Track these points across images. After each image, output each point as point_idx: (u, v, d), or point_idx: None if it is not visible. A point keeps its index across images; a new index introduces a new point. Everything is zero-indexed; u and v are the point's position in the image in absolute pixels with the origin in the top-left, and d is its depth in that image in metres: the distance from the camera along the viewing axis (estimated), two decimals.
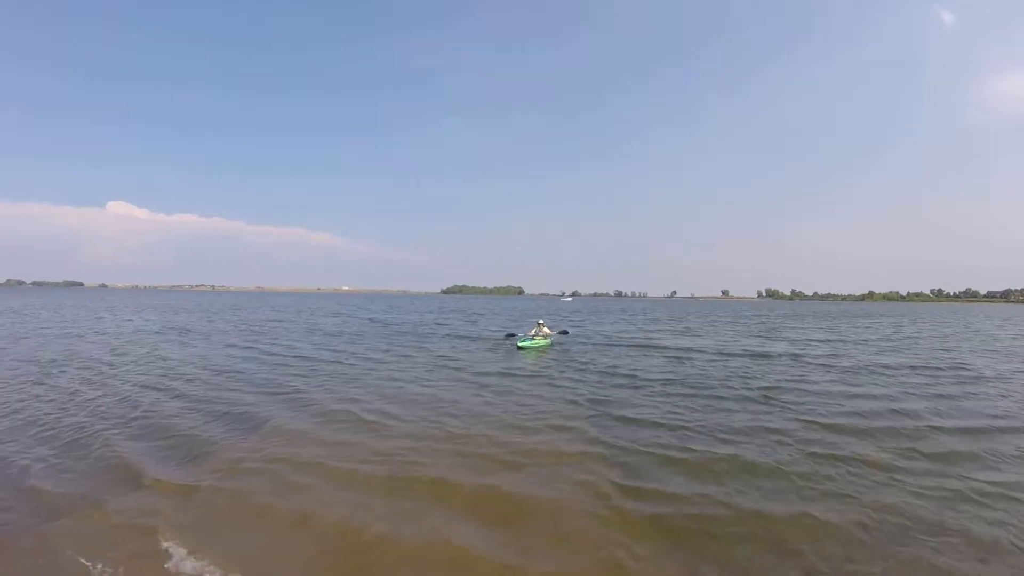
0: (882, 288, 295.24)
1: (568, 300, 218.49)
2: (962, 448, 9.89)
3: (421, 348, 25.63)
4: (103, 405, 12.75)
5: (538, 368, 19.27)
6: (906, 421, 11.82)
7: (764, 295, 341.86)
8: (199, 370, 18.01)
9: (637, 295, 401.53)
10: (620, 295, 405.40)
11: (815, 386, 15.81)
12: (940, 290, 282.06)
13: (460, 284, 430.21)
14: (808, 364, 20.90)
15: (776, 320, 58.18)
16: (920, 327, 48.74)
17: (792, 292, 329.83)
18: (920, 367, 20.42)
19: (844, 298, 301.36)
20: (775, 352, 25.14)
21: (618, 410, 12.58)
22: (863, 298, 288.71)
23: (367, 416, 11.64)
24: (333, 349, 24.63)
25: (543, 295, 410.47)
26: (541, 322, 27.62)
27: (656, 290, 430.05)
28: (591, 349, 25.95)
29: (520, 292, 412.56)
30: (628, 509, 7.08)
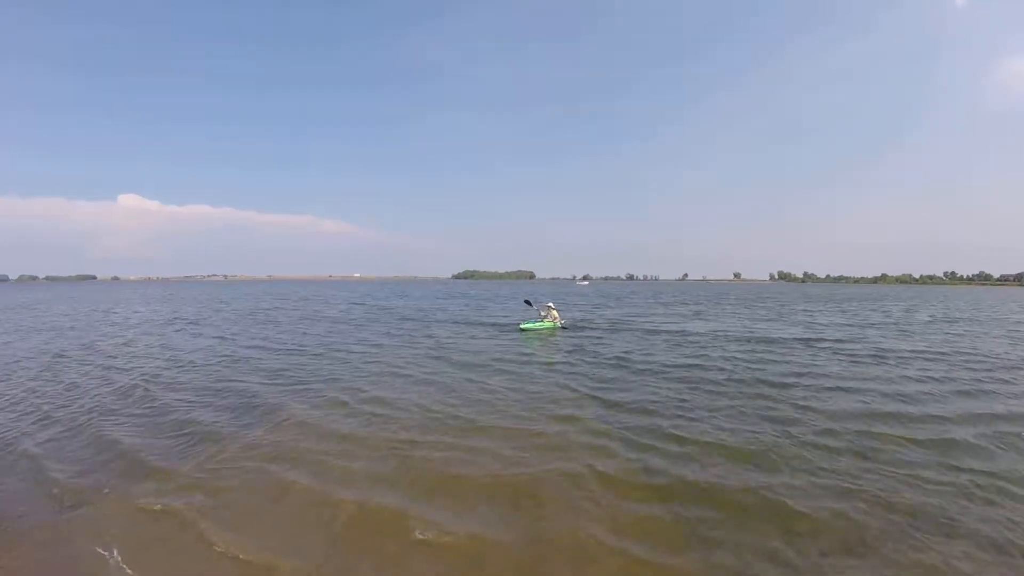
0: (895, 271, 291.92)
1: (584, 284, 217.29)
2: (962, 437, 9.86)
3: (420, 335, 25.68)
4: (111, 397, 12.99)
5: (535, 355, 19.25)
6: (906, 407, 11.80)
7: (776, 278, 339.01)
8: (203, 360, 18.23)
9: (648, 278, 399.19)
10: (632, 278, 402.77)
11: (822, 372, 15.68)
12: (953, 273, 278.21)
13: (471, 269, 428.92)
14: (817, 349, 20.73)
15: (787, 303, 57.38)
16: (934, 310, 48.15)
17: (804, 275, 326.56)
18: (928, 352, 20.24)
19: (856, 281, 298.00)
20: (783, 336, 24.98)
21: (613, 396, 12.70)
22: (875, 281, 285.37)
23: (363, 406, 11.73)
24: (332, 337, 24.69)
25: (554, 279, 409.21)
26: (550, 305, 28.50)
27: (667, 273, 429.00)
28: (595, 335, 25.77)
29: (531, 277, 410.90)
30: (621, 496, 7.19)
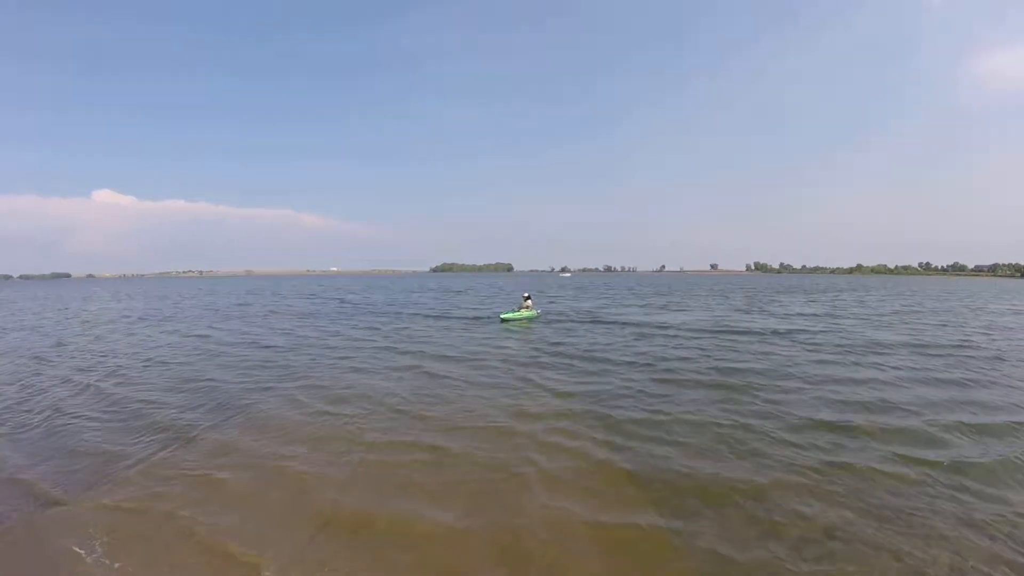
0: (871, 261, 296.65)
1: (566, 276, 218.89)
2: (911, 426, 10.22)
3: (384, 329, 25.74)
4: (78, 396, 12.90)
5: (506, 348, 19.25)
6: (863, 395, 12.11)
7: (752, 268, 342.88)
8: (171, 358, 18.18)
9: (627, 270, 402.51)
10: (610, 270, 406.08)
11: (790, 363, 15.85)
12: (928, 263, 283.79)
13: (450, 262, 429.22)
14: (788, 340, 20.90)
15: (761, 294, 57.88)
16: (908, 301, 48.77)
17: (780, 265, 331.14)
18: (897, 343, 20.65)
19: (833, 271, 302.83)
20: (754, 328, 25.20)
21: (577, 389, 12.81)
22: (851, 271, 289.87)
23: (326, 405, 11.60)
24: (295, 334, 24.38)
25: (532, 271, 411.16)
26: (526, 295, 31.32)
27: (645, 264, 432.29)
28: (565, 327, 26.11)
29: (510, 269, 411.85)
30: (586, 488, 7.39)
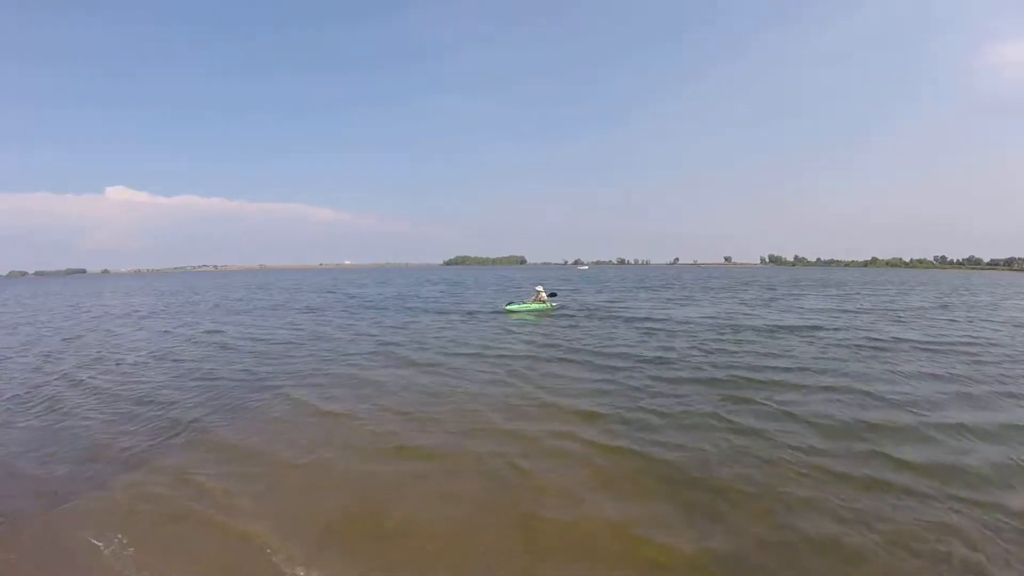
0: (885, 254, 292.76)
1: (584, 268, 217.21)
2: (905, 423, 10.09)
3: (387, 323, 25.49)
4: (90, 389, 13.18)
5: (509, 345, 18.65)
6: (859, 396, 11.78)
7: (767, 261, 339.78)
8: (179, 352, 18.45)
9: (640, 263, 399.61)
10: (623, 263, 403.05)
11: (803, 362, 15.33)
12: (944, 257, 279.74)
13: (462, 255, 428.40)
14: (803, 337, 20.24)
15: (776, 287, 56.91)
16: (923, 296, 47.87)
17: (795, 258, 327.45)
18: (922, 342, 20.13)
19: (847, 264, 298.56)
20: (767, 324, 24.69)
21: (581, 388, 12.48)
22: (866, 264, 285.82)
23: (314, 400, 11.62)
24: (302, 329, 24.39)
25: (546, 264, 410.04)
26: (539, 288, 30.49)
27: (659, 257, 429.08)
28: (575, 320, 25.76)
29: (522, 262, 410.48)
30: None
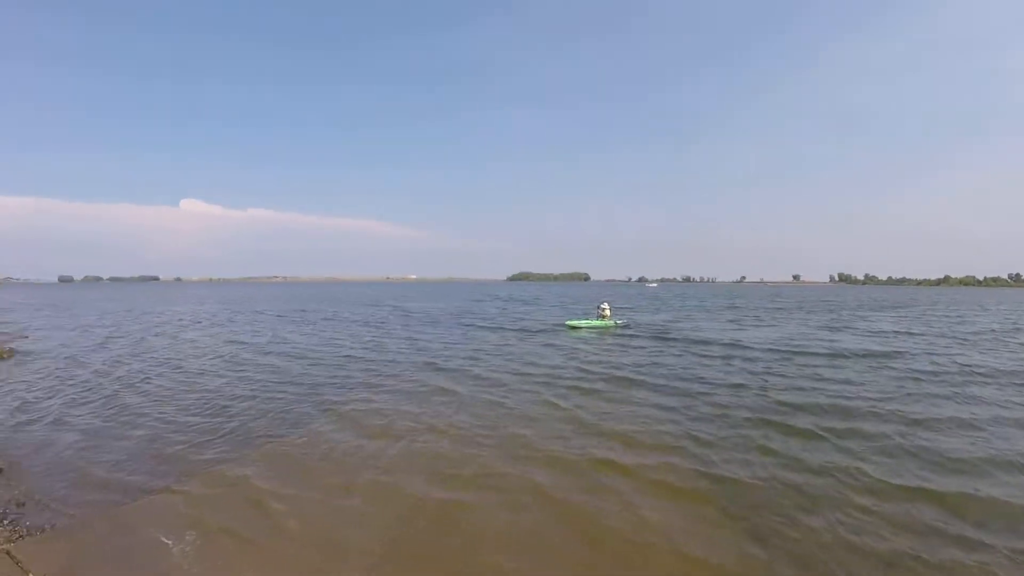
0: (958, 272, 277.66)
1: (653, 286, 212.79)
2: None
3: (446, 338, 25.82)
4: (160, 393, 13.93)
5: (563, 365, 18.12)
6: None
7: (836, 279, 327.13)
8: (248, 359, 19.36)
9: (705, 280, 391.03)
10: (688, 280, 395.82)
11: (871, 393, 14.35)
12: (1019, 275, 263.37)
13: (526, 271, 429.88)
14: (882, 366, 18.52)
15: (848, 308, 54.27)
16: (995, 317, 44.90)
17: (865, 276, 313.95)
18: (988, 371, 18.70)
19: (919, 283, 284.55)
20: (834, 348, 23.46)
21: (644, 416, 11.89)
22: (939, 283, 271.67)
23: (400, 421, 11.49)
24: (360, 340, 25.25)
25: (610, 281, 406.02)
26: (604, 306, 30.60)
27: (725, 274, 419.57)
28: (639, 342, 24.82)
29: (586, 279, 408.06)
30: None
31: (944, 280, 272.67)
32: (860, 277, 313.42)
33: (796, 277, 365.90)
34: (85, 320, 37.37)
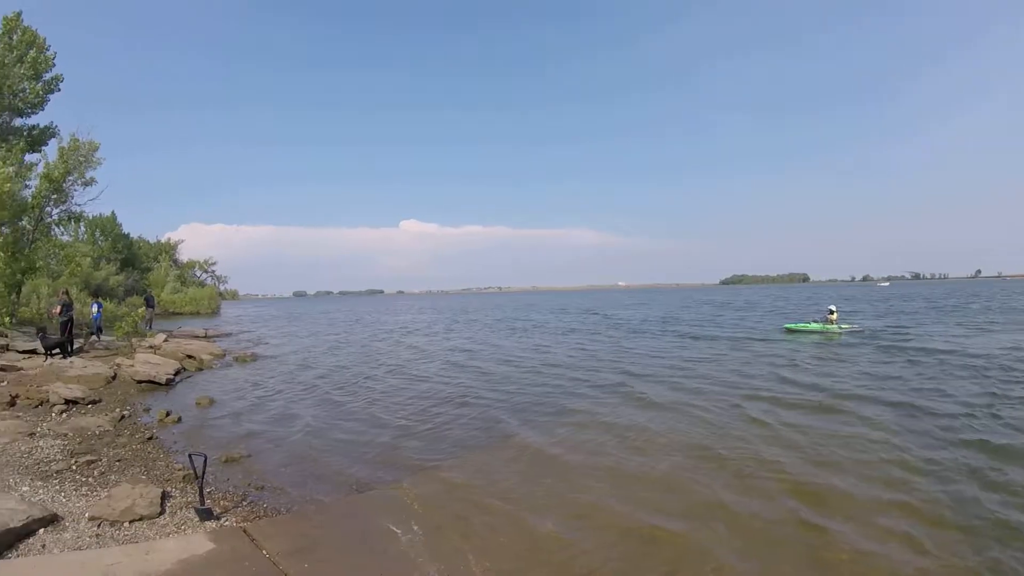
0: None
1: (885, 285, 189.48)
2: None
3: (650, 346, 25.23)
4: (383, 391, 15.20)
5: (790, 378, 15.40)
6: None
7: None
8: (479, 362, 20.70)
9: (936, 277, 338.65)
10: (917, 277, 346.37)
11: None
12: None
13: (740, 274, 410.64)
14: None
15: None
16: None
17: None
18: None
19: None
20: None
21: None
22: None
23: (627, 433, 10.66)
24: (558, 348, 25.19)
25: (831, 281, 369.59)
26: (832, 308, 27.89)
27: (957, 269, 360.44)
28: (870, 352, 20.57)
29: (805, 279, 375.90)
30: None
31: None
32: None
33: None
34: (316, 328, 43.14)
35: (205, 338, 29.02)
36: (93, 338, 22.62)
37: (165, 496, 7.13)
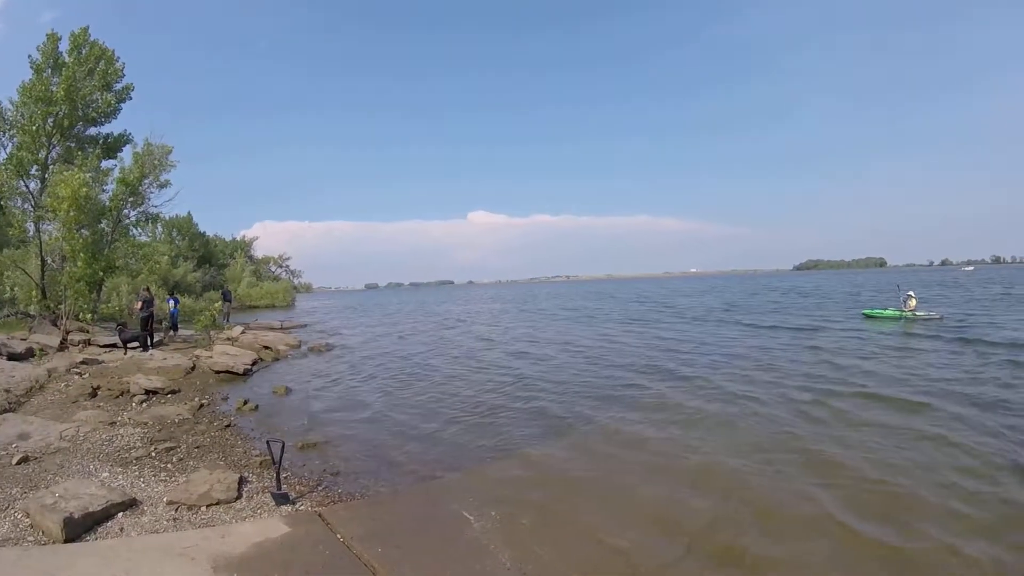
0: None
1: (970, 269, 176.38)
2: None
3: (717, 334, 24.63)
4: (453, 379, 15.22)
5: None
6: None
7: None
8: (517, 352, 20.54)
9: (1019, 260, 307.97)
10: (998, 261, 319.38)
11: None
12: None
13: (814, 259, 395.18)
14: None
15: None
16: None
17: None
18: None
19: None
20: None
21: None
22: None
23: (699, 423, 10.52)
24: (625, 338, 23.98)
25: (909, 266, 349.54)
26: (911, 293, 25.93)
27: None
28: (952, 344, 17.99)
29: (882, 264, 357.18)
30: None
31: None
32: None
33: None
34: (386, 319, 43.76)
35: (281, 329, 30.06)
36: (171, 332, 23.81)
37: (242, 481, 7.24)
